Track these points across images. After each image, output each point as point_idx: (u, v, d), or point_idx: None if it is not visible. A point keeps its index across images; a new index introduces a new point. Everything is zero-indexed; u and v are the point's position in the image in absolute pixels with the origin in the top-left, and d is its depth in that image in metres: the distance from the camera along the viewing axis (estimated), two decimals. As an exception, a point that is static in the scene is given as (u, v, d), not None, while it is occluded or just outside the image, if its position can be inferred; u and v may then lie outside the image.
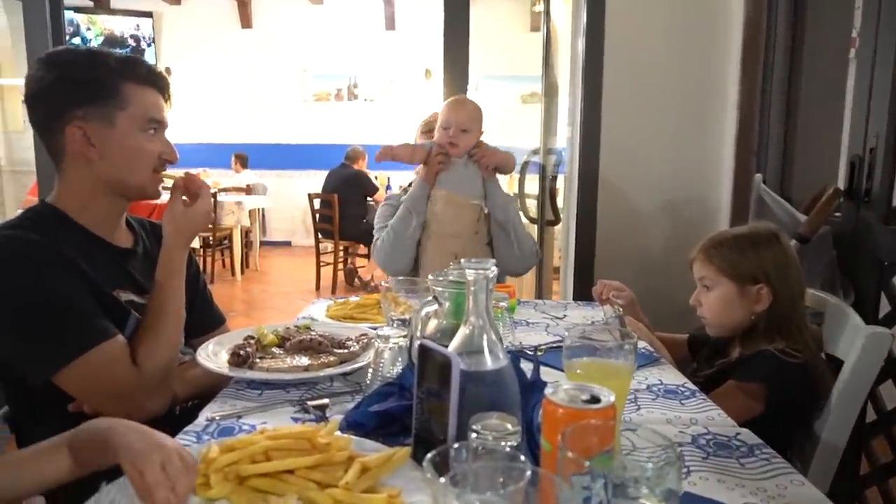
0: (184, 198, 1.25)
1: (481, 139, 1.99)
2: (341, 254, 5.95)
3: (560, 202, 3.23)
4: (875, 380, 1.34)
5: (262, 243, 7.84)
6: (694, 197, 2.62)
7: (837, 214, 1.88)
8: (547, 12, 3.24)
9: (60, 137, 1.19)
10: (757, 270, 1.36)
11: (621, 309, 1.52)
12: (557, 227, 3.31)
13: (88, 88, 1.18)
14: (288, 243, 8.83)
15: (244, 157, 7.75)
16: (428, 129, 2.12)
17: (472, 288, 0.78)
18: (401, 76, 8.38)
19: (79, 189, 1.23)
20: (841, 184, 1.88)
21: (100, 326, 1.13)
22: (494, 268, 0.78)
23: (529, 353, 1.32)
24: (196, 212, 1.25)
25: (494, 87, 7.17)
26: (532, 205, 3.41)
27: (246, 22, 8.45)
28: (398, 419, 0.90)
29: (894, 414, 1.68)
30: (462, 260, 0.81)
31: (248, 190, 7.24)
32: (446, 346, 0.79)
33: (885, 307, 1.77)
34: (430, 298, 1.02)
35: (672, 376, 1.24)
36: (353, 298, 1.68)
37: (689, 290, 1.52)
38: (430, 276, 1.04)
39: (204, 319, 1.44)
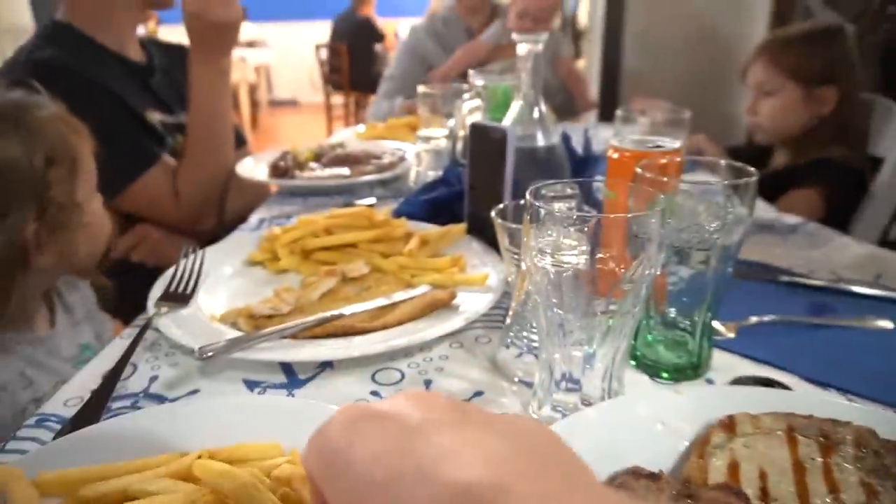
0: None
1: None
2: (352, 106, 5.82)
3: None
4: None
5: (268, 103, 7.65)
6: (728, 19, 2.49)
7: None
8: None
9: None
10: (827, 68, 1.30)
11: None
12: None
13: None
14: (294, 102, 8.61)
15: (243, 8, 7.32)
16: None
17: (528, 63, 0.75)
18: None
19: (94, 4, 1.17)
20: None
21: (147, 148, 1.13)
22: (545, 34, 0.74)
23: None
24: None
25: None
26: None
27: None
28: (448, 207, 0.91)
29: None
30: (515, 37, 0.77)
31: (251, 45, 6.96)
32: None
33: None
34: (471, 94, 1.00)
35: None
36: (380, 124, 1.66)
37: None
38: (471, 71, 1.01)
39: None
